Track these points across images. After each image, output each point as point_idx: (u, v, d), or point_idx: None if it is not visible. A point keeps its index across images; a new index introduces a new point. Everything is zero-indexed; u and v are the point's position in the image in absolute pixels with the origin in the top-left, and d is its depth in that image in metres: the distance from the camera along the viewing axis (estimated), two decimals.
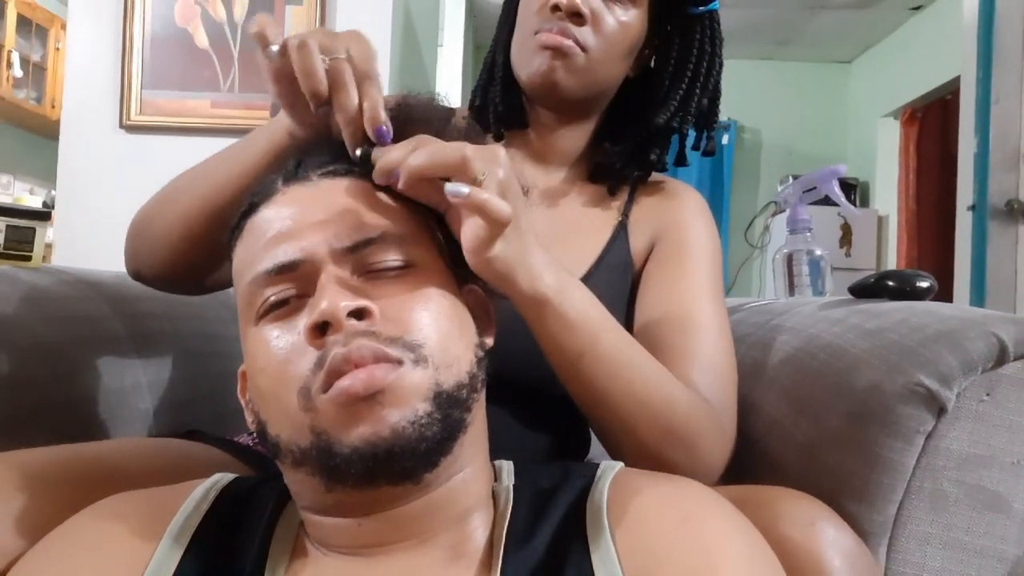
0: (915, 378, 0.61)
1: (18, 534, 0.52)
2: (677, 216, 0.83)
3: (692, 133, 0.88)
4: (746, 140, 5.24)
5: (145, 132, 2.32)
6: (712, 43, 0.84)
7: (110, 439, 0.80)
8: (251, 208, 0.54)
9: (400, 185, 0.51)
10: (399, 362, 0.45)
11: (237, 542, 0.49)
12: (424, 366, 0.46)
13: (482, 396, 0.52)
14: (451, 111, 0.62)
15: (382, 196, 0.53)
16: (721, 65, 0.85)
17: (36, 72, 4.50)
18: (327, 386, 0.44)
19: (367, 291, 0.48)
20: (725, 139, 5.12)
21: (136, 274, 0.78)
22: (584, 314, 0.60)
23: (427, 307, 0.49)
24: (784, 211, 1.06)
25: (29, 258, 0.87)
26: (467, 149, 0.50)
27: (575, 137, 0.85)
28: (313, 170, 0.54)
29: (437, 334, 0.48)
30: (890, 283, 0.78)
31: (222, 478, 0.55)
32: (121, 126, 2.33)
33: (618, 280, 0.81)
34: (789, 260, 1.02)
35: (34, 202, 4.35)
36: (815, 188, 1.02)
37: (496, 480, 0.54)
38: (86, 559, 0.47)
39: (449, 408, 0.46)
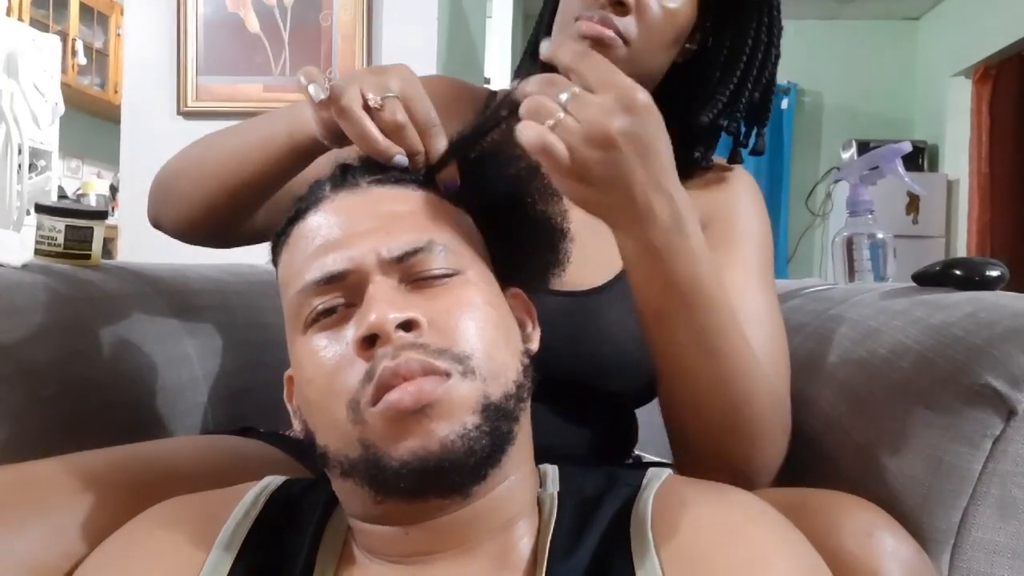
0: (982, 379, 0.57)
1: (79, 539, 0.53)
2: (726, 200, 0.80)
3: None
4: (807, 104, 5.06)
5: (201, 118, 2.37)
6: (769, 33, 0.78)
7: (167, 436, 0.83)
8: (298, 214, 0.54)
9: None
10: (447, 374, 0.45)
11: (286, 548, 0.50)
12: (472, 378, 0.46)
13: (528, 404, 0.52)
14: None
15: (430, 203, 0.53)
16: (778, 57, 0.80)
17: (99, 58, 4.63)
18: (376, 399, 0.44)
19: (414, 300, 0.48)
20: (785, 104, 4.94)
21: (156, 223, 0.83)
22: (689, 275, 0.57)
23: (474, 316, 0.49)
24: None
25: (88, 256, 0.89)
26: (543, 100, 0.50)
27: None
28: (362, 177, 0.54)
29: (484, 344, 0.48)
30: (957, 272, 0.73)
31: (272, 481, 0.56)
32: (179, 112, 2.38)
33: None
34: (849, 244, 0.97)
35: (102, 185, 4.50)
36: (877, 167, 0.97)
37: (540, 485, 0.53)
38: (140, 568, 0.48)
39: (497, 420, 0.46)
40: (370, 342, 0.46)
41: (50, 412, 0.70)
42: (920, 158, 4.58)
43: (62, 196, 4.13)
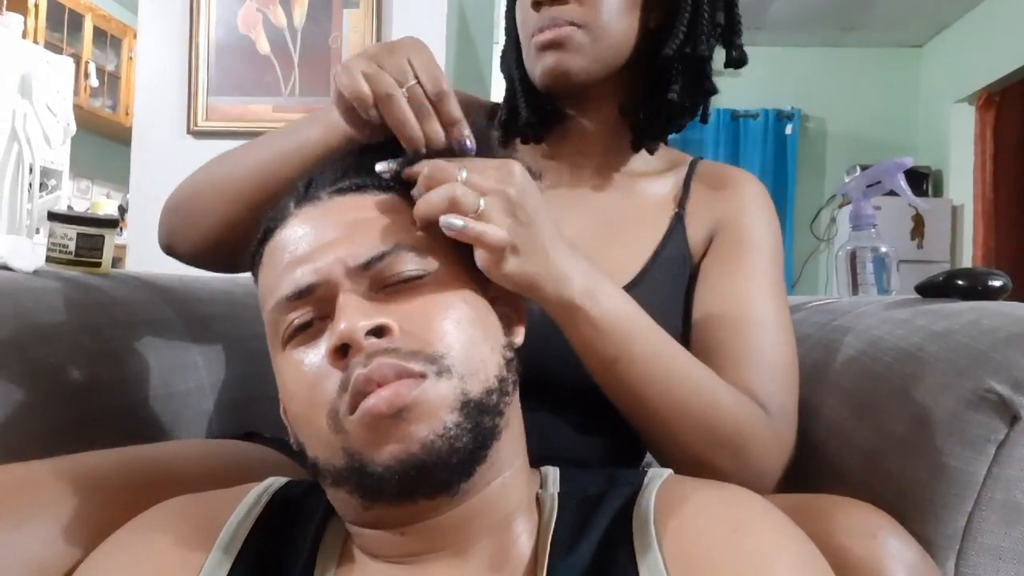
0: (985, 384, 0.58)
1: (80, 538, 0.53)
2: (736, 207, 0.80)
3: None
4: (811, 130, 5.09)
5: (211, 137, 2.40)
6: None
7: (172, 440, 0.83)
8: (267, 234, 0.55)
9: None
10: (422, 376, 0.45)
11: (286, 549, 0.50)
12: (448, 377, 0.46)
13: (515, 398, 0.52)
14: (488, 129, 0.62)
15: (394, 208, 0.53)
16: None
17: (111, 81, 4.70)
18: (353, 407, 0.45)
19: (386, 306, 0.48)
20: (789, 129, 4.98)
21: (168, 249, 0.80)
22: (617, 318, 0.60)
23: (447, 315, 0.49)
24: (851, 203, 1.02)
25: (99, 264, 0.90)
26: (457, 189, 0.51)
27: (610, 120, 0.82)
28: (323, 189, 0.55)
29: (459, 342, 0.48)
30: (960, 282, 0.74)
31: (274, 482, 0.56)
32: (188, 132, 2.41)
33: (676, 274, 0.79)
34: (853, 257, 0.98)
35: (111, 206, 4.53)
36: (880, 182, 0.98)
37: (541, 486, 0.53)
38: (140, 568, 0.48)
39: (479, 416, 0.46)
40: (343, 352, 0.46)
41: (57, 413, 0.70)
42: (925, 183, 4.59)
43: None
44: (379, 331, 0.46)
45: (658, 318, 0.64)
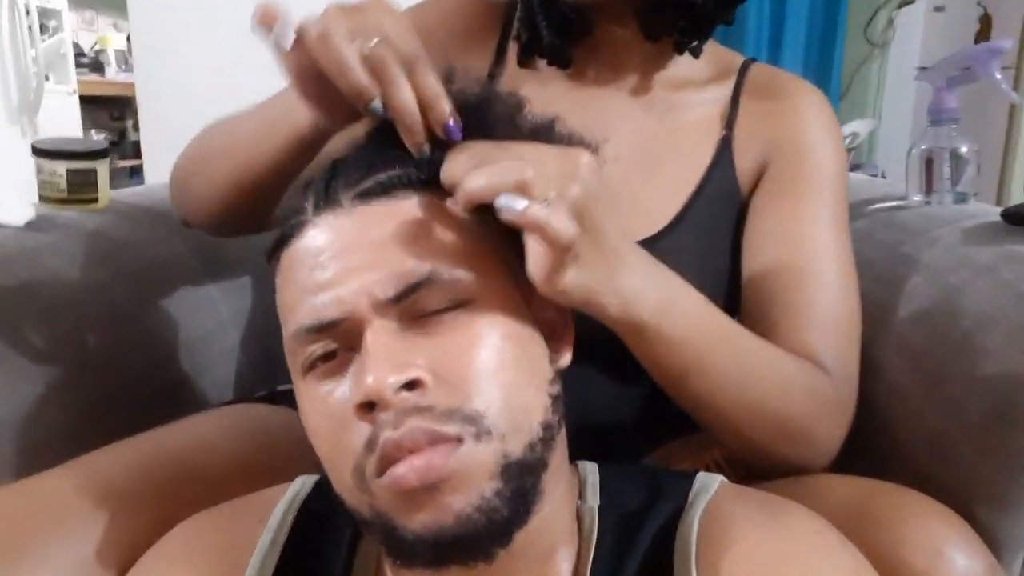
0: None
1: (105, 567, 0.53)
2: (794, 128, 0.71)
3: None
4: None
5: None
6: None
7: (199, 383, 0.82)
8: (283, 239, 0.48)
9: (460, 209, 0.43)
10: (458, 439, 0.40)
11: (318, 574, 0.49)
12: (488, 439, 0.41)
13: (562, 435, 0.47)
14: (520, 101, 0.51)
15: (427, 214, 0.45)
16: None
17: None
18: (381, 471, 0.41)
19: (418, 344, 0.43)
20: None
21: (184, 223, 0.79)
22: (691, 332, 0.53)
23: (488, 358, 0.43)
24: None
25: (96, 200, 0.84)
26: (528, 170, 0.41)
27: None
28: (344, 191, 0.46)
29: (501, 392, 0.43)
30: None
31: (300, 491, 0.54)
32: None
33: (721, 213, 0.71)
34: (928, 161, 0.86)
35: (119, 39, 4.33)
36: (969, 68, 0.84)
37: (580, 496, 0.50)
38: None
39: (520, 478, 0.42)
40: (370, 406, 0.41)
41: (74, 394, 0.68)
42: None
43: (79, 54, 4.00)
44: (410, 385, 0.41)
45: (700, 264, 0.58)
